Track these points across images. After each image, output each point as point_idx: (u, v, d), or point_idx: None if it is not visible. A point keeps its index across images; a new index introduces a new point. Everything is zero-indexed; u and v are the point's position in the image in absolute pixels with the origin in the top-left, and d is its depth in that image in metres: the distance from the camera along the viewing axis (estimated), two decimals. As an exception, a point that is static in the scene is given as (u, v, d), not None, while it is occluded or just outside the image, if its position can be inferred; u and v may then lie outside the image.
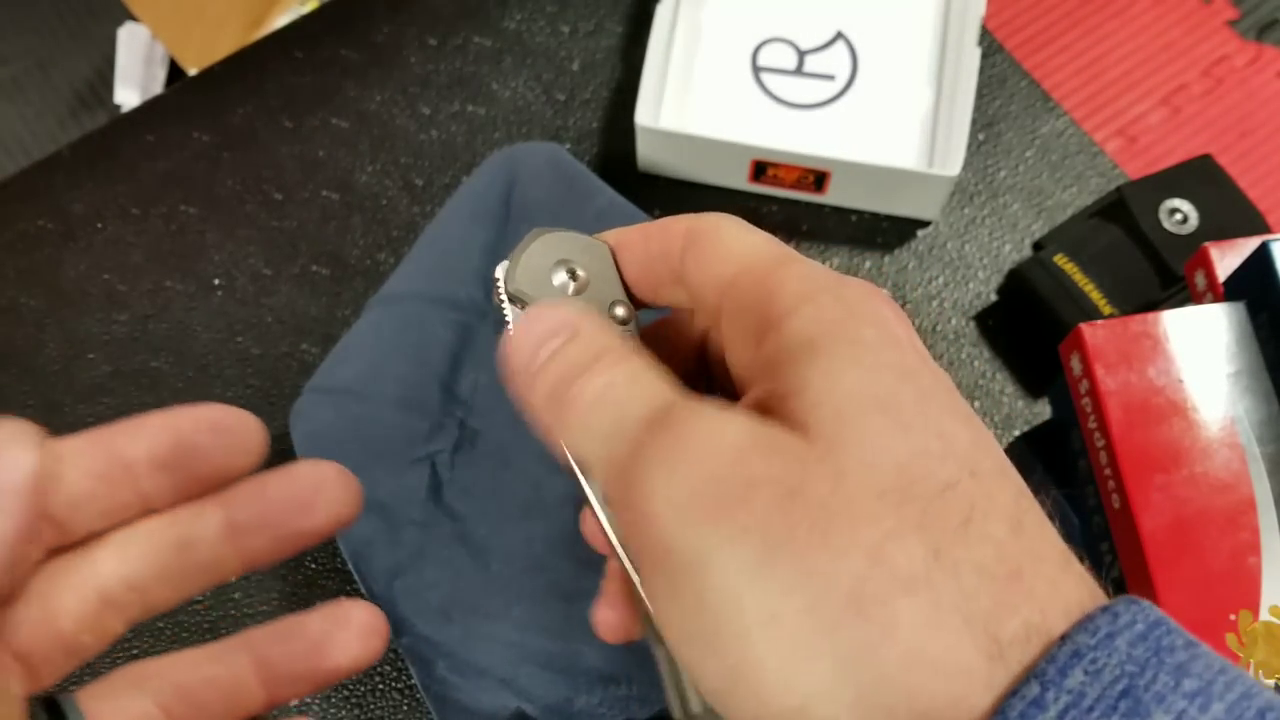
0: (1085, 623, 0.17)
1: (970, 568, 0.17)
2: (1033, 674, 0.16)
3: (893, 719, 0.16)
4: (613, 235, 0.26)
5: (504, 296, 0.26)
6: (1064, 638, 0.16)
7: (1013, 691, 0.16)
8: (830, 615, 0.16)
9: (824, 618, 0.16)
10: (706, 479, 0.18)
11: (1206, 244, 0.43)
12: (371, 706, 0.47)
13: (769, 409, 0.19)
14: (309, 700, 0.47)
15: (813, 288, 0.21)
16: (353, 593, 0.48)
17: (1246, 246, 0.41)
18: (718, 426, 0.19)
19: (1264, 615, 0.35)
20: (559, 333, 0.22)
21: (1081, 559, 0.19)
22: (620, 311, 0.26)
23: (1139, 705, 0.16)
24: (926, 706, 0.16)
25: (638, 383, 0.21)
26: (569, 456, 0.24)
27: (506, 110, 0.59)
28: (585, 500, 0.25)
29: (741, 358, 0.22)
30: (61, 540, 0.22)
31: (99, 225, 0.56)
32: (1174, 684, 0.16)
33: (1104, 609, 0.17)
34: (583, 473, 0.24)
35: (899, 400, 0.19)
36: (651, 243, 0.25)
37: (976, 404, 0.52)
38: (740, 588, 0.17)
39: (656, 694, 0.43)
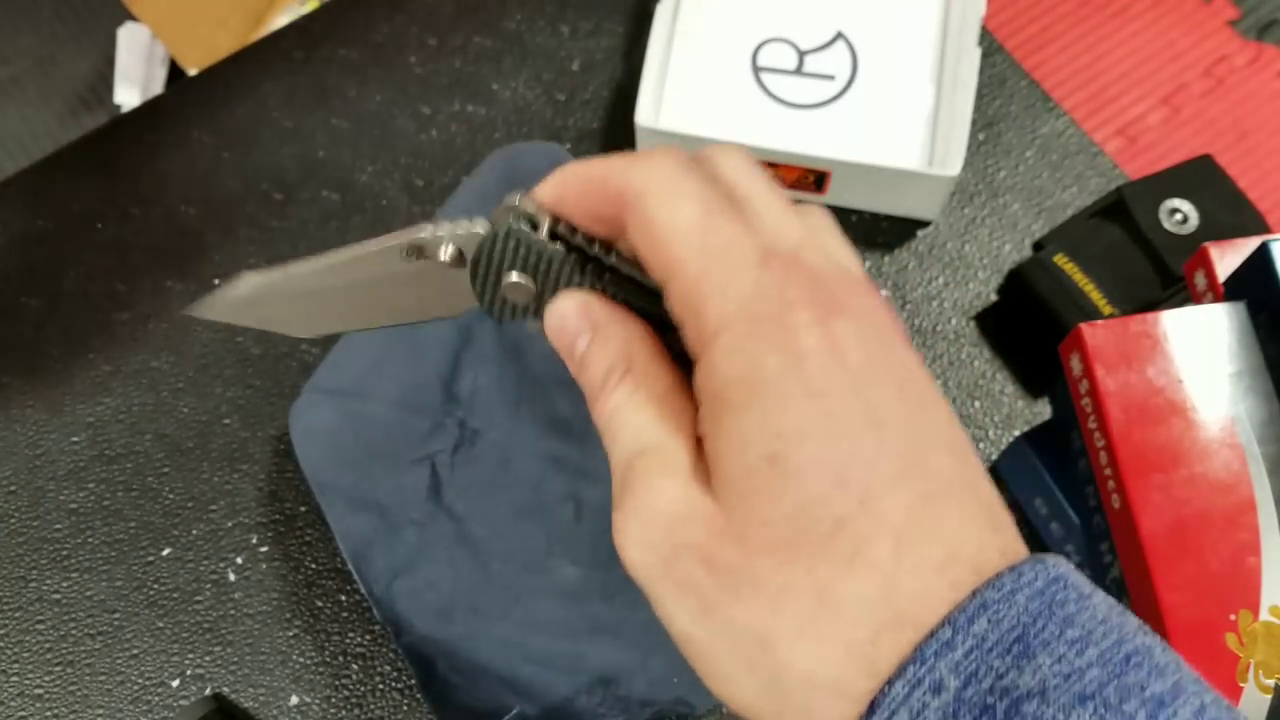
0: (994, 580, 0.20)
1: (853, 602, 0.20)
2: (946, 620, 0.19)
3: None
4: (550, 188, 0.25)
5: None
6: (975, 592, 0.20)
7: (930, 634, 0.19)
8: (746, 654, 0.21)
9: (742, 656, 0.21)
10: (651, 543, 0.22)
11: (1206, 244, 0.43)
12: (371, 706, 0.47)
13: (701, 446, 0.22)
14: (309, 700, 0.47)
15: (729, 310, 0.21)
16: (353, 593, 0.48)
17: (1246, 246, 0.41)
18: (656, 493, 0.22)
19: (1264, 615, 0.35)
20: (581, 330, 0.25)
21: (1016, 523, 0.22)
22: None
23: (1028, 649, 0.19)
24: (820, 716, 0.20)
25: (629, 416, 0.23)
26: None
27: (506, 110, 0.59)
28: None
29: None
30: None
31: (99, 225, 0.56)
32: (1059, 632, 0.19)
33: (1011, 568, 0.20)
34: None
35: (793, 443, 0.20)
36: (591, 202, 0.24)
37: (977, 404, 0.52)
38: (691, 634, 0.22)
39: (656, 693, 0.43)
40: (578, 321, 0.25)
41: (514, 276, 0.25)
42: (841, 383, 0.21)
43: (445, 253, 0.25)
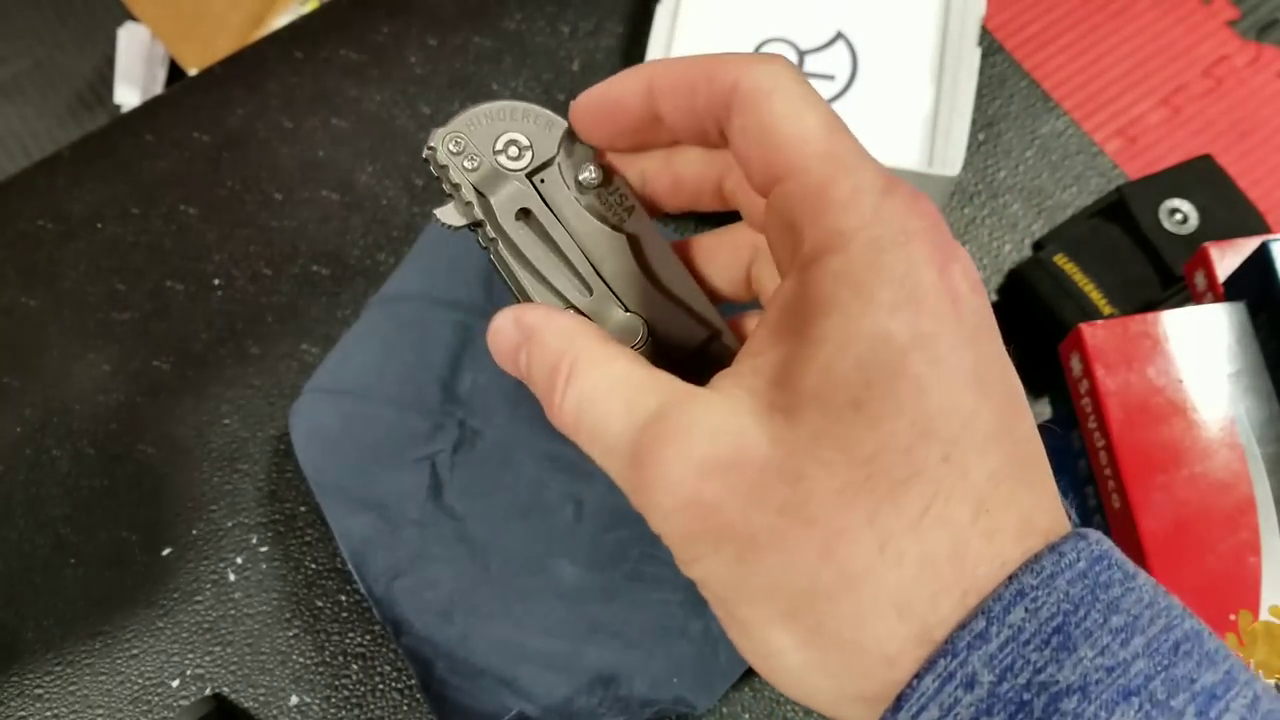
0: (1032, 563, 0.18)
1: (915, 558, 0.18)
2: (980, 610, 0.18)
3: (839, 685, 0.19)
4: (649, 69, 0.23)
5: (437, 173, 0.25)
6: (1011, 577, 0.18)
7: (961, 625, 0.18)
8: (789, 606, 0.19)
9: (784, 608, 0.19)
10: (686, 497, 0.20)
11: (1206, 244, 0.43)
12: (371, 706, 0.47)
13: (777, 358, 0.20)
14: (309, 700, 0.47)
15: (853, 224, 0.20)
16: (353, 593, 0.48)
17: (1246, 246, 0.41)
18: (688, 446, 0.20)
19: (1264, 615, 0.35)
20: (519, 343, 0.24)
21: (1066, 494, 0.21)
22: (589, 174, 0.25)
23: (1068, 640, 0.17)
24: (863, 681, 0.19)
25: (604, 401, 0.22)
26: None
27: (506, 110, 0.59)
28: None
29: (778, 270, 0.22)
30: None
31: (99, 225, 0.56)
32: (1102, 620, 0.18)
33: (1051, 548, 0.19)
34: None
35: (881, 386, 0.19)
36: (695, 95, 0.22)
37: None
38: (725, 580, 0.20)
39: (656, 693, 0.43)
40: (513, 331, 0.24)
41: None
42: (953, 330, 0.19)
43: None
